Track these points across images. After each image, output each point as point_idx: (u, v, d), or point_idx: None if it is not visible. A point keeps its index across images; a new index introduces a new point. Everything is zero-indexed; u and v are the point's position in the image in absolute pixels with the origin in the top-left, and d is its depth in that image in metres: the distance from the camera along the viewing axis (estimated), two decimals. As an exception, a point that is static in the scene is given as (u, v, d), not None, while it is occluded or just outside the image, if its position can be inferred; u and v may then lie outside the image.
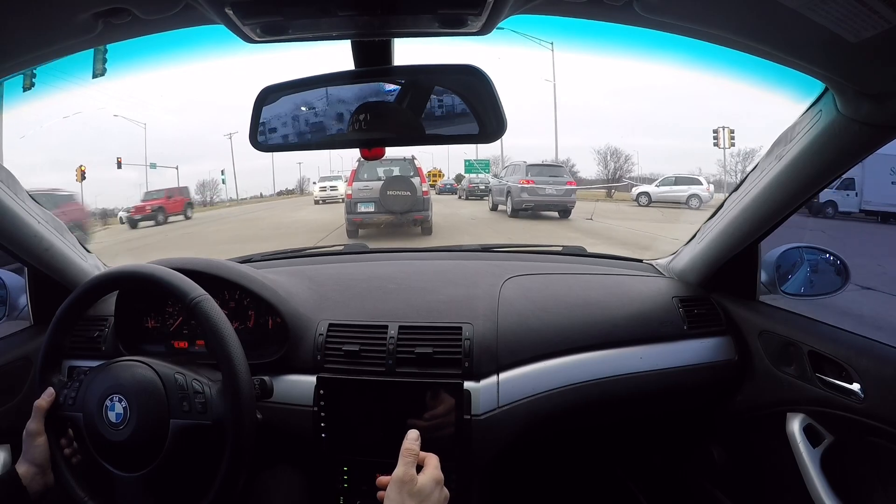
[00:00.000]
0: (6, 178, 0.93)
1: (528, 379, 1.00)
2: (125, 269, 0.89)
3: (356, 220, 7.34)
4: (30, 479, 0.79)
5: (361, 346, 1.00)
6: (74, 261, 1.12)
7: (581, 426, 1.25)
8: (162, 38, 0.65)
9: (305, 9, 0.55)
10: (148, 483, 0.77)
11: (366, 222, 7.32)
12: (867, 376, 0.84)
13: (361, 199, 7.27)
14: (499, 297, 1.10)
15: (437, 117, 0.71)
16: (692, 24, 0.59)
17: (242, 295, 1.09)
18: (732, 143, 15.65)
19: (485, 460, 0.98)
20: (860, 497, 0.90)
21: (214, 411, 0.79)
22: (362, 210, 7.25)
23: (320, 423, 0.98)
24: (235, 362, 0.79)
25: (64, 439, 0.84)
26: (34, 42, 0.59)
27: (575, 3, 0.58)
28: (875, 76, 0.63)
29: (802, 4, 0.49)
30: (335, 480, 1.02)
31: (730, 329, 1.13)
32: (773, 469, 1.08)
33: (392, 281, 1.18)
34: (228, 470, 0.77)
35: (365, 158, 0.76)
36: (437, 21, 0.58)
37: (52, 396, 0.82)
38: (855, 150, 0.78)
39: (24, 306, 1.17)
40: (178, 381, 0.80)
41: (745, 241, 1.04)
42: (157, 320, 1.13)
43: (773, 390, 1.04)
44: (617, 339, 1.08)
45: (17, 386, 1.05)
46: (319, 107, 0.74)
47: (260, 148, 0.75)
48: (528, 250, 1.50)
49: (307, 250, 1.51)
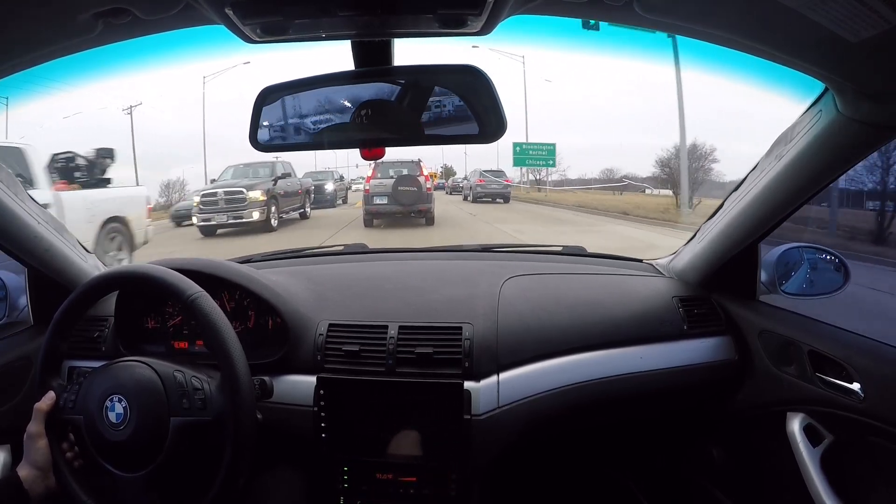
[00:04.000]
0: (6, 178, 0.93)
1: (529, 379, 1.00)
2: (123, 270, 0.89)
3: (372, 209, 8.90)
4: (31, 483, 0.78)
5: (361, 346, 1.00)
6: (74, 261, 1.11)
7: (581, 426, 1.25)
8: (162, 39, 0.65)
9: (305, 9, 0.55)
10: (150, 482, 0.77)
11: (380, 212, 8.92)
12: (867, 376, 0.84)
13: (377, 193, 8.87)
14: (499, 296, 1.10)
15: (437, 117, 0.71)
16: (692, 24, 0.59)
17: (242, 295, 1.09)
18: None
19: (485, 460, 0.98)
20: (860, 497, 0.90)
21: (214, 407, 0.79)
22: (377, 202, 8.86)
23: (320, 424, 0.98)
24: (234, 358, 0.79)
25: (65, 443, 0.83)
26: (34, 42, 0.59)
27: (575, 3, 0.58)
28: (875, 76, 0.63)
29: (802, 4, 0.49)
30: (335, 480, 1.02)
31: (730, 329, 1.13)
32: (773, 469, 1.08)
33: (392, 281, 1.18)
34: (230, 466, 0.77)
35: (365, 158, 0.76)
36: (437, 21, 0.58)
37: (52, 400, 0.82)
38: (855, 150, 0.78)
39: (24, 307, 1.17)
40: (178, 379, 0.80)
41: (745, 241, 1.04)
42: (157, 320, 1.13)
43: (773, 390, 1.04)
44: (617, 339, 1.08)
45: (17, 386, 1.05)
46: (319, 107, 0.74)
47: (260, 148, 0.75)
48: (528, 250, 1.50)
49: (307, 250, 1.51)
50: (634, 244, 7.33)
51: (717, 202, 1.14)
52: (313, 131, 0.74)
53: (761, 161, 0.95)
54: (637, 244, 7.37)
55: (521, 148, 17.22)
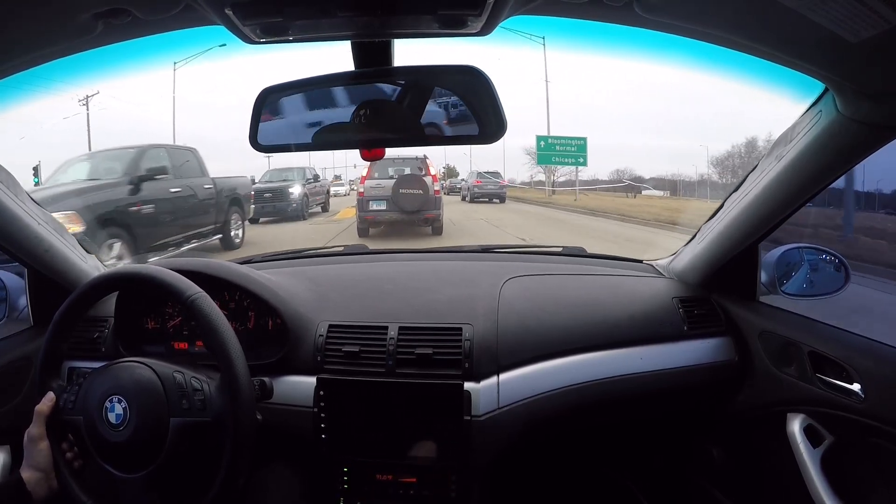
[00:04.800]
0: (6, 178, 0.93)
1: (529, 380, 1.00)
2: (123, 270, 0.89)
3: (368, 217, 7.25)
4: (34, 485, 0.78)
5: (361, 346, 1.00)
6: (74, 262, 1.11)
7: (581, 427, 1.25)
8: (162, 39, 0.65)
9: (305, 10, 0.55)
10: (150, 483, 0.77)
11: (378, 220, 7.28)
12: (867, 376, 0.84)
13: (373, 197, 7.21)
14: (499, 297, 1.10)
15: (437, 118, 0.71)
16: (692, 25, 0.59)
17: (242, 296, 1.09)
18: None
19: (485, 461, 0.98)
20: (861, 498, 0.90)
21: (214, 408, 0.79)
22: (374, 208, 7.19)
23: (320, 424, 0.98)
24: (233, 358, 0.79)
25: (65, 444, 0.83)
26: (34, 42, 0.60)
27: (575, 4, 0.58)
28: (875, 76, 0.63)
29: (802, 4, 0.49)
30: (335, 481, 1.02)
31: (730, 329, 1.13)
32: (774, 470, 1.08)
33: (392, 282, 1.18)
34: (229, 466, 0.77)
35: (365, 159, 0.76)
36: (437, 22, 0.58)
37: (52, 401, 0.82)
38: (855, 150, 0.78)
39: (24, 307, 1.17)
40: (177, 380, 0.80)
41: (745, 242, 1.04)
42: (157, 321, 1.13)
43: (773, 391, 1.04)
44: (617, 340, 1.08)
45: (17, 387, 1.05)
46: (319, 108, 0.74)
47: (260, 149, 0.75)
48: (528, 251, 1.50)
49: (307, 251, 1.51)
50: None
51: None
52: (313, 132, 0.74)
53: (761, 161, 0.95)
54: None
55: (547, 142, 14.24)
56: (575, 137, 14.40)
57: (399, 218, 7.12)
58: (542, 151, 14.57)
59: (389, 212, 7.14)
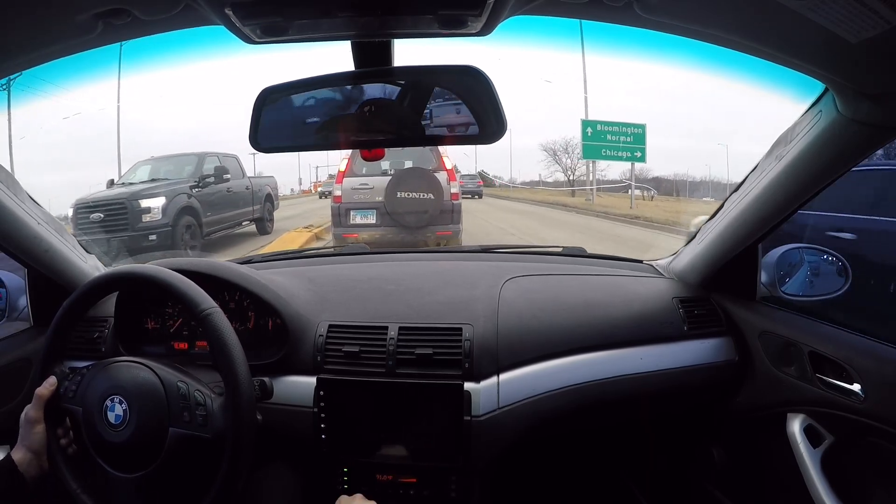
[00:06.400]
0: (6, 178, 0.93)
1: (529, 380, 1.00)
2: (127, 271, 0.89)
3: (347, 235, 4.70)
4: (27, 465, 0.79)
5: (361, 347, 1.00)
6: (74, 262, 1.11)
7: (581, 427, 1.25)
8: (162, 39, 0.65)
9: (305, 10, 0.55)
10: (141, 486, 0.77)
11: (363, 240, 4.51)
12: (867, 377, 0.84)
13: (356, 205, 4.67)
14: (499, 297, 1.10)
15: (437, 118, 0.71)
16: (692, 25, 0.59)
17: (243, 296, 1.09)
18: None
19: (485, 462, 0.98)
20: (860, 497, 0.90)
21: (214, 425, 0.79)
22: (357, 221, 4.65)
23: (320, 425, 0.98)
24: (241, 380, 0.78)
25: (61, 429, 0.84)
26: (34, 42, 0.59)
27: (575, 4, 0.58)
28: (875, 76, 0.63)
29: (802, 5, 0.49)
30: (335, 481, 1.02)
31: (730, 330, 1.13)
32: (774, 470, 1.08)
33: (392, 282, 1.18)
34: (224, 482, 0.76)
35: (365, 159, 0.76)
36: (437, 22, 0.58)
37: (53, 385, 0.82)
38: (855, 150, 0.78)
39: (23, 307, 1.17)
40: (181, 391, 0.79)
41: (745, 242, 1.04)
42: (157, 321, 1.13)
43: (773, 391, 1.04)
44: (617, 340, 1.08)
45: (17, 387, 1.05)
46: (319, 107, 0.74)
47: (260, 149, 0.75)
48: (527, 251, 1.50)
49: (308, 251, 1.51)
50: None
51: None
52: (313, 131, 0.74)
53: (761, 162, 0.95)
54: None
55: (595, 129, 10.34)
56: (631, 124, 10.75)
57: (396, 238, 4.67)
58: (588, 142, 10.72)
59: (381, 227, 4.67)
